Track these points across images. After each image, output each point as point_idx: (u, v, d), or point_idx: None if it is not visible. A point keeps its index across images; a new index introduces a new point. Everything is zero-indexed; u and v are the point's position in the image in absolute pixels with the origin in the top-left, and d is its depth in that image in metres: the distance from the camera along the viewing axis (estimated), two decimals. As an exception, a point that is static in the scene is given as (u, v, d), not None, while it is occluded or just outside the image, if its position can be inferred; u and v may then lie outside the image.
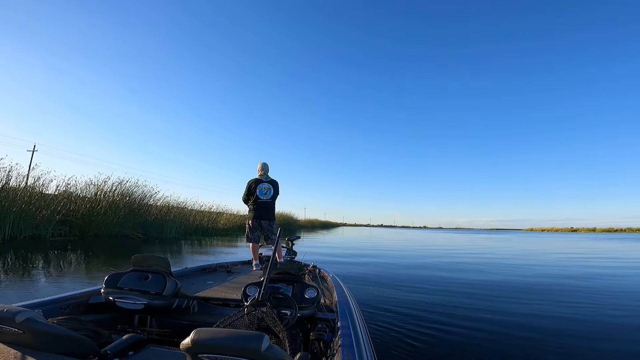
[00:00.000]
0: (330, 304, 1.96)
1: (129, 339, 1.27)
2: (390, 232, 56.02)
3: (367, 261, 8.59)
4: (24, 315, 0.97)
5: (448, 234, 46.00)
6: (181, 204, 17.32)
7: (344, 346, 1.22)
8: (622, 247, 18.64)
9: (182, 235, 15.87)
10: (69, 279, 4.96)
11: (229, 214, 23.30)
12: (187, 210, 17.66)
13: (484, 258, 10.59)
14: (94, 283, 4.34)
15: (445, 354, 2.52)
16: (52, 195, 11.15)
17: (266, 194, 3.96)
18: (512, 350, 2.62)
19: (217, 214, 21.37)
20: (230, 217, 22.90)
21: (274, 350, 0.81)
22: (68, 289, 1.82)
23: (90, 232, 11.85)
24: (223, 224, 21.14)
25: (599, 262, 9.79)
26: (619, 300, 4.51)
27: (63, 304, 1.59)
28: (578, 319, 3.50)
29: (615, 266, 8.93)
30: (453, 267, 7.98)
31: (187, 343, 0.79)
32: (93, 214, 11.92)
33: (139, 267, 1.82)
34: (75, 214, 11.31)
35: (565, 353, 2.55)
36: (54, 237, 10.27)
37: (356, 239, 22.34)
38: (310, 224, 49.32)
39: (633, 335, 3.07)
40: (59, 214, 10.39)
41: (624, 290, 5.36)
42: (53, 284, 4.43)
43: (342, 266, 7.18)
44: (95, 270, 5.79)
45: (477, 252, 13.48)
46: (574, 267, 8.28)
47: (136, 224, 13.58)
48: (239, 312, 1.46)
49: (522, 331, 3.04)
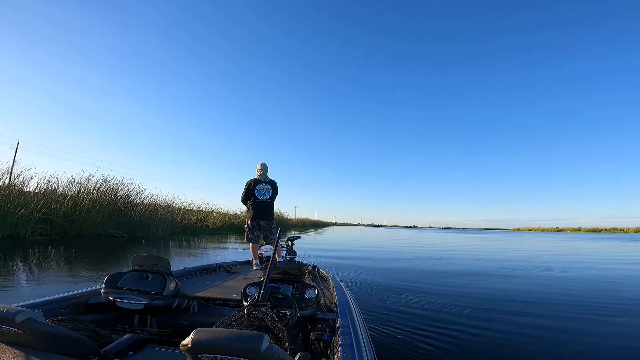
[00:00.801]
0: (330, 304, 1.98)
1: (129, 339, 1.28)
2: (381, 231, 56.73)
3: (361, 263, 8.67)
4: (24, 315, 0.97)
5: (440, 234, 46.46)
6: (168, 203, 17.03)
7: (344, 346, 1.23)
8: (613, 247, 18.81)
9: (169, 234, 15.59)
10: (46, 281, 4.70)
11: (218, 212, 23.10)
12: (175, 208, 17.36)
13: (485, 259, 10.67)
14: (78, 286, 4.23)
15: (445, 353, 2.55)
16: (32, 192, 10.77)
17: (265, 194, 4.00)
18: (511, 350, 2.64)
19: (205, 212, 21.09)
20: (219, 216, 22.71)
21: (274, 350, 0.82)
22: (59, 291, 1.80)
23: (72, 231, 11.51)
24: (212, 223, 20.93)
25: (609, 264, 9.58)
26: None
27: (63, 304, 1.60)
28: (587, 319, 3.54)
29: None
30: (453, 268, 8.07)
31: (187, 343, 0.80)
32: (75, 212, 11.58)
33: (139, 267, 1.83)
34: (56, 213, 10.95)
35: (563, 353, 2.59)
36: (34, 236, 9.92)
37: (348, 239, 22.40)
38: (300, 223, 49.25)
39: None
40: (39, 212, 10.04)
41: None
42: (26, 288, 4.19)
43: (340, 267, 7.25)
44: (74, 272, 5.54)
45: (475, 252, 13.56)
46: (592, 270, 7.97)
47: (121, 222, 13.27)
48: (239, 312, 1.47)
49: (522, 332, 3.06)
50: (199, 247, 11.65)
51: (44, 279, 4.89)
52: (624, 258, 11.96)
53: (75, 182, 12.27)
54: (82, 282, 4.73)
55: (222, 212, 23.78)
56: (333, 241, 18.62)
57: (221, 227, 21.79)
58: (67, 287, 4.20)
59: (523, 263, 9.53)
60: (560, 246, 19.20)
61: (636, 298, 4.81)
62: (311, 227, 52.32)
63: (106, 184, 13.14)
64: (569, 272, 7.47)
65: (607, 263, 9.89)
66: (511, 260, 10.48)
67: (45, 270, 5.61)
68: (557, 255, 12.54)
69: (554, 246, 19.11)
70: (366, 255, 10.67)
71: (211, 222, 20.93)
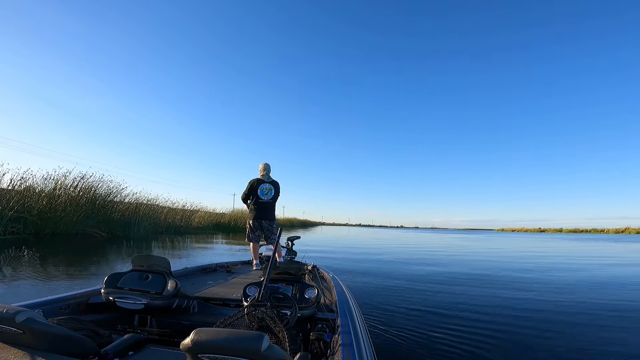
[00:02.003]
0: (330, 304, 2.01)
1: (129, 339, 1.28)
2: (370, 231, 57.22)
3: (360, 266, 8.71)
4: (24, 315, 0.98)
5: (428, 234, 47.10)
6: (152, 201, 16.58)
7: (344, 345, 1.26)
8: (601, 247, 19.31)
9: (151, 233, 15.19)
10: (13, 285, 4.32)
11: (204, 211, 22.72)
12: (158, 207, 16.93)
13: (479, 259, 10.85)
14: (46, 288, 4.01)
15: (445, 353, 2.58)
16: (5, 190, 10.26)
17: (267, 194, 4.03)
18: (511, 350, 2.69)
19: (191, 211, 20.71)
20: (205, 215, 22.36)
21: (274, 350, 0.83)
22: (60, 291, 1.80)
23: (46, 230, 11.03)
24: (198, 222, 20.59)
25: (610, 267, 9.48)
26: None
27: (63, 304, 1.60)
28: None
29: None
30: (452, 268, 8.19)
31: (187, 343, 0.81)
32: (50, 210, 11.10)
33: (139, 267, 1.83)
34: (30, 211, 10.46)
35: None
36: (5, 235, 9.46)
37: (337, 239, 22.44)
38: (289, 223, 49.05)
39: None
40: (11, 210, 9.58)
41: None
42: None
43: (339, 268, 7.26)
44: (45, 276, 5.11)
45: (470, 253, 13.69)
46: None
47: (100, 221, 12.82)
48: (239, 312, 1.48)
49: (523, 332, 3.12)
50: (184, 247, 11.38)
51: (11, 280, 4.60)
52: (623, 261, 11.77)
53: (51, 178, 11.77)
54: (52, 285, 4.42)
55: (208, 211, 23.41)
56: (323, 242, 18.48)
57: (207, 226, 21.43)
58: (29, 289, 3.99)
59: (522, 264, 9.45)
60: (553, 247, 19.57)
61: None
62: (299, 226, 52.15)
63: (84, 181, 12.66)
64: (580, 274, 7.39)
65: (617, 265, 9.75)
66: (508, 260, 10.62)
67: (16, 271, 5.31)
68: (557, 257, 12.52)
69: (547, 247, 19.36)
70: (365, 258, 10.56)
71: (196, 221, 20.57)
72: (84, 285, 3.79)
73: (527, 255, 13.09)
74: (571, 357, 2.62)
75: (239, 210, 26.46)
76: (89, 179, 12.83)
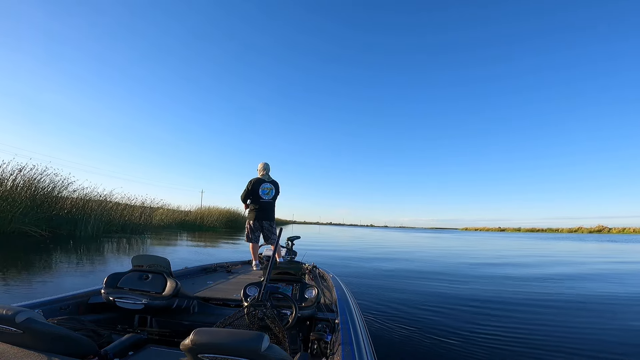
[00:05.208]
0: (330, 304, 2.06)
1: (129, 339, 1.31)
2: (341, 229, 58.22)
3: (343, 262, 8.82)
4: (24, 315, 1.00)
5: (399, 233, 48.01)
6: (105, 196, 15.38)
7: (344, 345, 1.29)
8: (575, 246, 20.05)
9: (103, 232, 14.08)
10: None
11: (166, 209, 21.91)
12: (112, 203, 15.76)
13: (468, 258, 11.07)
14: None
15: (445, 353, 2.64)
16: None
17: (269, 194, 4.07)
18: (510, 350, 2.74)
19: (151, 208, 19.58)
20: (167, 212, 21.64)
21: (274, 350, 0.85)
22: (67, 289, 1.80)
23: (-28, 228, 9.77)
24: (159, 220, 19.67)
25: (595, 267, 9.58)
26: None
27: (63, 304, 1.63)
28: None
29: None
30: (450, 268, 8.33)
31: (187, 343, 0.83)
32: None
33: (139, 267, 1.86)
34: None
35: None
36: None
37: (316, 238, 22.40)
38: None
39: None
40: None
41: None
42: None
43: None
44: None
45: (454, 252, 13.99)
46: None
47: (40, 219, 11.63)
48: (239, 312, 1.53)
49: (523, 332, 3.21)
50: (139, 249, 10.33)
51: None
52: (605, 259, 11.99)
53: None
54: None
55: (171, 209, 22.38)
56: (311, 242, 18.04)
57: (170, 225, 20.64)
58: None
59: (522, 264, 9.63)
60: (526, 247, 19.93)
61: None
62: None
63: (23, 174, 11.39)
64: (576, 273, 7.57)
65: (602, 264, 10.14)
66: (490, 258, 11.09)
67: None
68: (540, 257, 12.71)
69: (519, 247, 19.85)
70: (349, 255, 10.98)
71: (157, 219, 19.53)
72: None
73: (527, 254, 13.48)
74: (571, 355, 2.71)
75: (206, 208, 26.09)
76: (29, 172, 11.59)
